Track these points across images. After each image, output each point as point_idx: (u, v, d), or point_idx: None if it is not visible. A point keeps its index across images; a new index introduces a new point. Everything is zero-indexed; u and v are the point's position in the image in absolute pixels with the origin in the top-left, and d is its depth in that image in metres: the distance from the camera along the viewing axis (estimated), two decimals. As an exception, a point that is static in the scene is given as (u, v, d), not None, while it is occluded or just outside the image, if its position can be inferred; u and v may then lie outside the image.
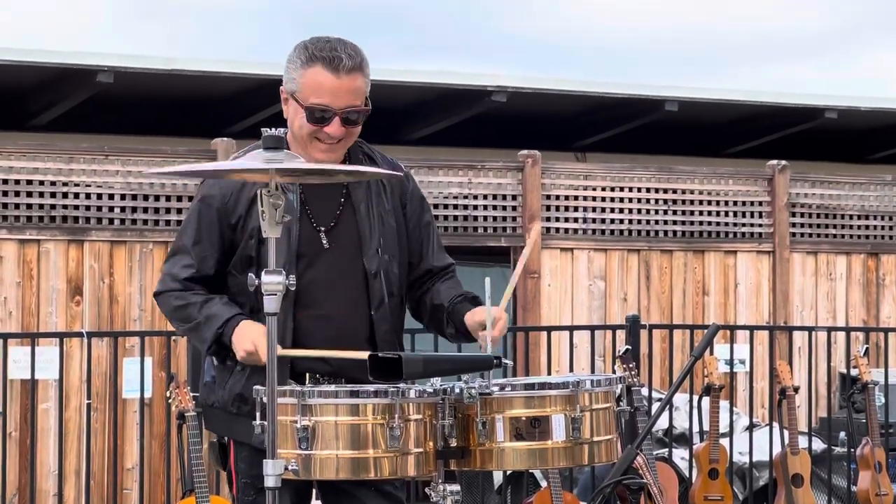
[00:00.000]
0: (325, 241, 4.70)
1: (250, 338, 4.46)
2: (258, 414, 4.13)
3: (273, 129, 4.20)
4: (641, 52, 38.74)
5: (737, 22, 40.24)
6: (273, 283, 4.04)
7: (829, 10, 42.26)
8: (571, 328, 10.21)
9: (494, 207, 11.31)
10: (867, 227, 12.48)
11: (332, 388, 4.30)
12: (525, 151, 11.47)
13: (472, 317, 4.68)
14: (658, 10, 39.32)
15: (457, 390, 4.19)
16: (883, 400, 10.08)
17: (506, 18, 39.96)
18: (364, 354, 4.41)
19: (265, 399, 4.06)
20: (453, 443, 4.19)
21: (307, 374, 4.57)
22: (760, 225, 12.11)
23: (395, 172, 4.66)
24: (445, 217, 11.15)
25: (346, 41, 4.70)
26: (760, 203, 12.13)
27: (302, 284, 4.43)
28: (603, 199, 11.70)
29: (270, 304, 4.05)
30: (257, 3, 37.97)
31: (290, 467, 4.06)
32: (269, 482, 3.98)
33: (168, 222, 10.32)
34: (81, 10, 35.98)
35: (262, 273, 4.05)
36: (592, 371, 9.76)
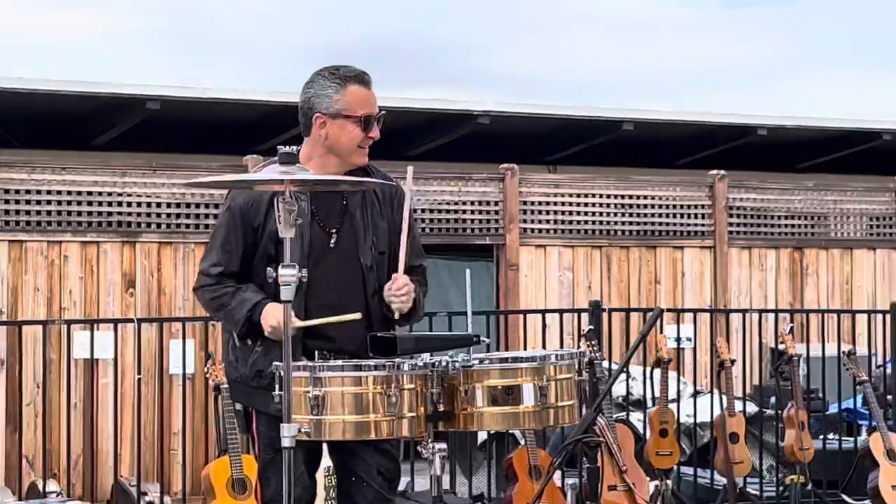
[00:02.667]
0: (332, 242, 4.71)
1: (275, 316, 4.47)
2: (276, 385, 4.13)
3: (287, 147, 4.21)
4: (601, 82, 38.87)
5: (683, 57, 40.39)
6: (288, 275, 4.05)
7: (761, 47, 42.42)
8: (544, 312, 10.21)
9: (480, 212, 11.30)
10: (793, 225, 12.47)
11: (339, 363, 4.31)
12: (505, 165, 11.47)
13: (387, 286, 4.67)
14: (614, 49, 39.51)
15: (443, 364, 4.20)
16: (805, 370, 10.07)
17: (488, 55, 40.25)
18: (357, 315, 4.45)
19: (282, 373, 4.06)
20: (441, 408, 4.20)
21: (316, 352, 4.57)
22: (703, 225, 12.10)
23: (386, 182, 4.68)
24: (438, 220, 11.15)
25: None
26: (703, 206, 12.11)
27: (312, 278, 4.44)
28: (571, 205, 11.68)
29: (286, 293, 4.05)
30: (280, 43, 38.08)
31: (303, 430, 4.06)
32: (286, 443, 3.98)
33: (206, 226, 10.31)
34: (133, 49, 35.99)
35: (279, 267, 4.05)
36: (561, 348, 9.75)
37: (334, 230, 4.72)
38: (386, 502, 4.82)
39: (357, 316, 4.49)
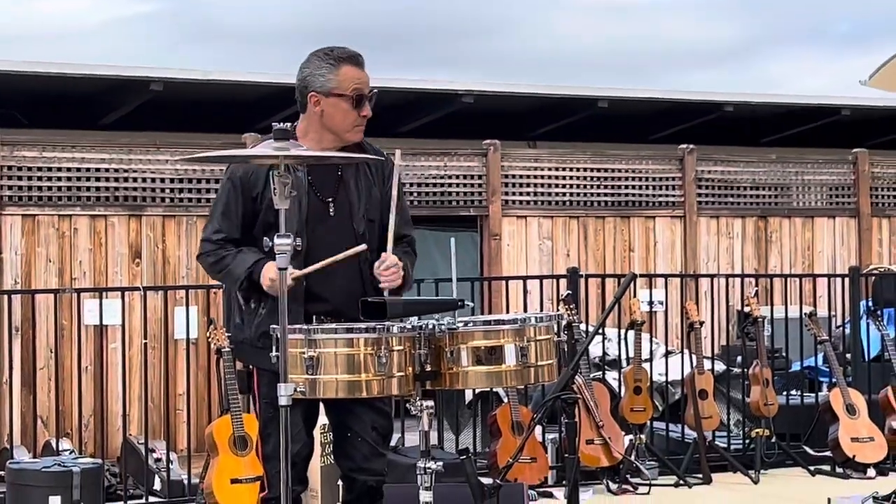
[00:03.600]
0: (331, 210, 4.71)
1: (274, 271, 4.45)
2: (273, 347, 4.13)
3: (282, 124, 4.20)
4: (578, 62, 38.88)
5: (657, 37, 40.41)
6: (283, 244, 4.05)
7: (729, 28, 42.43)
8: (525, 278, 10.21)
9: (464, 185, 11.30)
10: (758, 196, 12.48)
11: (333, 325, 4.31)
12: (488, 141, 11.46)
13: (376, 264, 4.64)
14: (592, 30, 39.47)
15: (430, 326, 4.20)
16: (769, 331, 10.10)
17: (472, 39, 40.15)
18: (360, 248, 4.44)
19: (279, 335, 4.07)
20: (428, 368, 4.19)
21: (314, 316, 4.57)
22: (673, 196, 12.11)
23: (376, 157, 4.68)
24: (426, 193, 11.14)
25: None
26: (673, 178, 12.12)
27: (312, 245, 4.45)
28: (549, 178, 11.68)
29: (282, 261, 4.05)
30: (277, 28, 37.98)
31: (299, 389, 4.07)
32: (282, 401, 3.98)
33: (208, 200, 10.29)
34: (141, 35, 35.92)
35: (275, 236, 4.05)
36: (541, 311, 9.75)
37: (330, 199, 4.73)
38: (379, 456, 4.83)
39: (362, 247, 4.48)
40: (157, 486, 8.27)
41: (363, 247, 4.51)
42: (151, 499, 8.15)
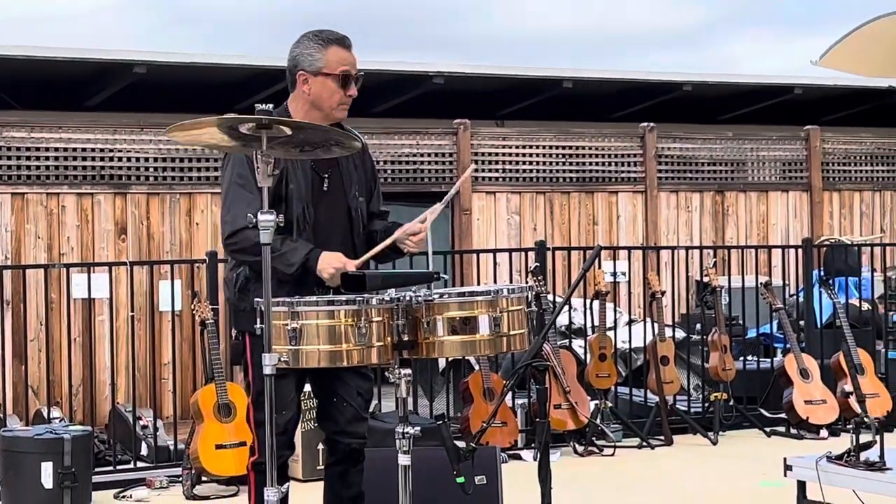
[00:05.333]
0: (325, 186, 4.71)
1: (332, 263, 4.48)
2: (258, 319, 4.11)
3: (264, 105, 4.18)
4: (546, 44, 38.90)
5: (622, 20, 40.46)
6: (267, 220, 4.03)
7: (690, 11, 42.52)
8: (494, 251, 10.23)
9: (436, 163, 11.29)
10: (715, 171, 12.52)
11: (314, 298, 4.28)
12: (458, 120, 11.45)
13: (401, 230, 4.65)
14: (560, 13, 39.44)
15: (408, 298, 4.19)
16: (727, 299, 10.14)
17: (442, 22, 40.10)
18: (438, 207, 4.56)
19: (263, 308, 4.06)
20: (405, 337, 4.19)
21: (317, 288, 4.54)
22: (635, 172, 12.13)
23: (358, 137, 4.65)
24: (399, 170, 11.14)
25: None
26: (635, 155, 12.14)
27: (312, 219, 4.48)
28: (517, 155, 11.69)
29: (265, 237, 4.03)
30: (257, 12, 37.81)
31: (282, 359, 4.06)
32: (267, 370, 3.97)
33: (190, 178, 10.27)
34: (128, 20, 35.74)
35: (258, 212, 4.03)
36: (511, 283, 9.76)
37: (326, 175, 4.73)
38: (362, 420, 4.84)
39: (427, 219, 4.58)
40: (145, 451, 8.26)
41: (438, 207, 4.56)
42: (139, 464, 8.13)
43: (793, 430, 9.27)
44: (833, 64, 20.66)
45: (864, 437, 5.65)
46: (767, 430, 9.37)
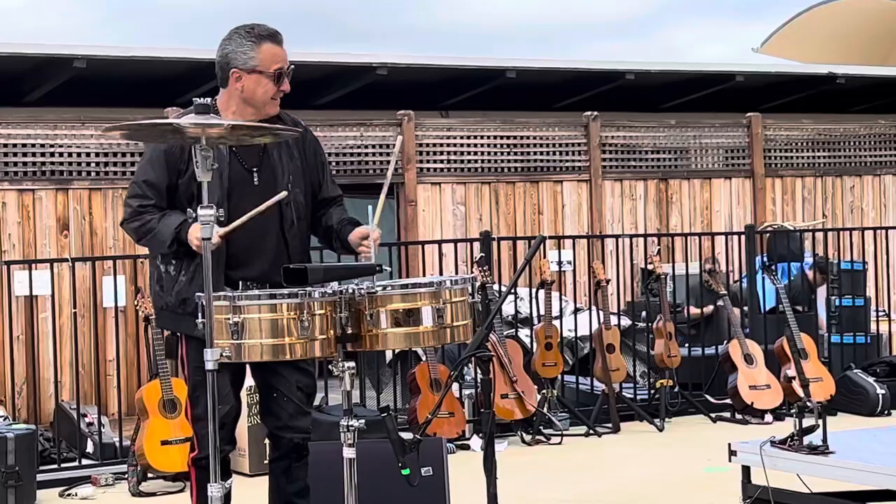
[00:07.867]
0: (255, 180, 4.69)
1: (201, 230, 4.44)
2: (199, 314, 4.08)
3: (203, 99, 4.15)
4: (490, 34, 38.95)
5: (567, 10, 40.58)
6: (206, 214, 4.01)
7: (636, 0, 42.72)
8: (440, 242, 10.22)
9: (380, 154, 11.26)
10: (659, 159, 12.57)
11: (256, 292, 4.27)
12: (402, 111, 11.43)
13: (355, 235, 4.68)
14: (504, 3, 39.51)
15: (350, 290, 4.18)
16: (672, 287, 10.20)
17: (386, 14, 40.08)
18: (281, 195, 4.41)
19: (204, 302, 4.03)
20: (349, 330, 4.17)
21: (240, 283, 4.54)
22: (579, 160, 12.16)
23: (295, 129, 4.62)
24: (344, 162, 11.10)
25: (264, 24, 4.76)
26: (579, 144, 12.17)
27: (235, 213, 4.42)
28: (462, 146, 11.69)
29: (206, 231, 4.01)
30: (197, 5, 37.58)
31: (224, 353, 4.03)
32: (209, 366, 3.95)
33: (132, 173, 10.14)
34: (65, 12, 35.41)
35: (198, 207, 4.02)
36: (457, 274, 9.77)
37: (255, 168, 4.70)
38: (305, 415, 4.82)
39: (283, 195, 4.46)
40: (90, 449, 8.20)
41: (283, 194, 4.48)
42: (84, 461, 8.07)
43: (738, 416, 9.34)
44: (774, 51, 20.84)
45: (808, 422, 5.70)
46: (713, 415, 9.43)
